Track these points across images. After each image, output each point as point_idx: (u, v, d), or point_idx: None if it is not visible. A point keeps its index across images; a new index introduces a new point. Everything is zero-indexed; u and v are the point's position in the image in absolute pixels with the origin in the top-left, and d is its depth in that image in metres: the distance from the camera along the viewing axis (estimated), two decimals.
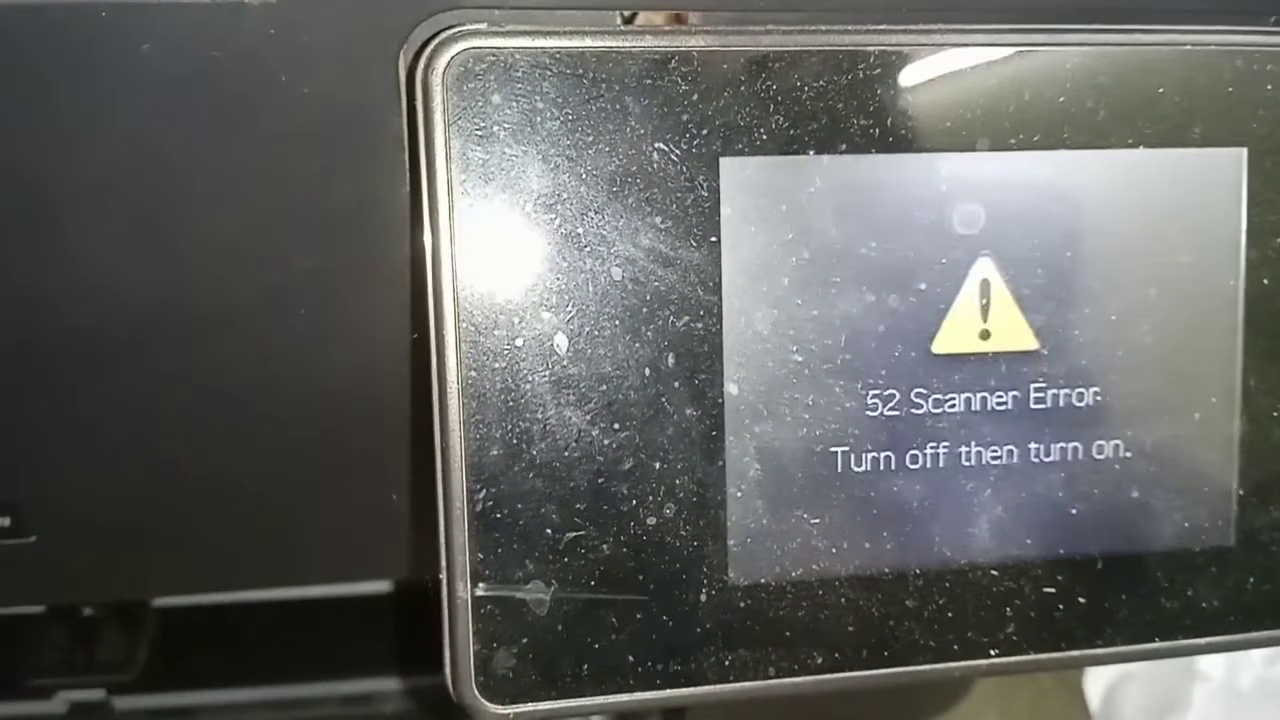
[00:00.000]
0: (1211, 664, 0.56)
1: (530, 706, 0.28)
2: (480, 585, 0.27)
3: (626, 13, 0.29)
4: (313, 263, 0.30)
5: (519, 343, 0.27)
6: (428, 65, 0.27)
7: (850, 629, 0.29)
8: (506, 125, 0.27)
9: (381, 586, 0.58)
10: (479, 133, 0.27)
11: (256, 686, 0.57)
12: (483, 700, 0.28)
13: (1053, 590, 0.30)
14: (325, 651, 0.57)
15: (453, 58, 0.27)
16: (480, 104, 0.27)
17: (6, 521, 0.35)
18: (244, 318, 0.31)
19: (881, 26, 0.28)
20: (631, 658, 0.28)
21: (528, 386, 0.27)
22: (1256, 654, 0.55)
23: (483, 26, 0.27)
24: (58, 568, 0.37)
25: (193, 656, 0.56)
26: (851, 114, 0.28)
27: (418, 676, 0.58)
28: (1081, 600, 0.30)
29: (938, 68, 0.29)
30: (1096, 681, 0.61)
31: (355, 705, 0.58)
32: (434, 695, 0.59)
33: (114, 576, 0.38)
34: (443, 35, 0.27)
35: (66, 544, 0.36)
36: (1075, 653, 0.30)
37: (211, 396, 0.33)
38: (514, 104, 0.27)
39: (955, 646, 0.30)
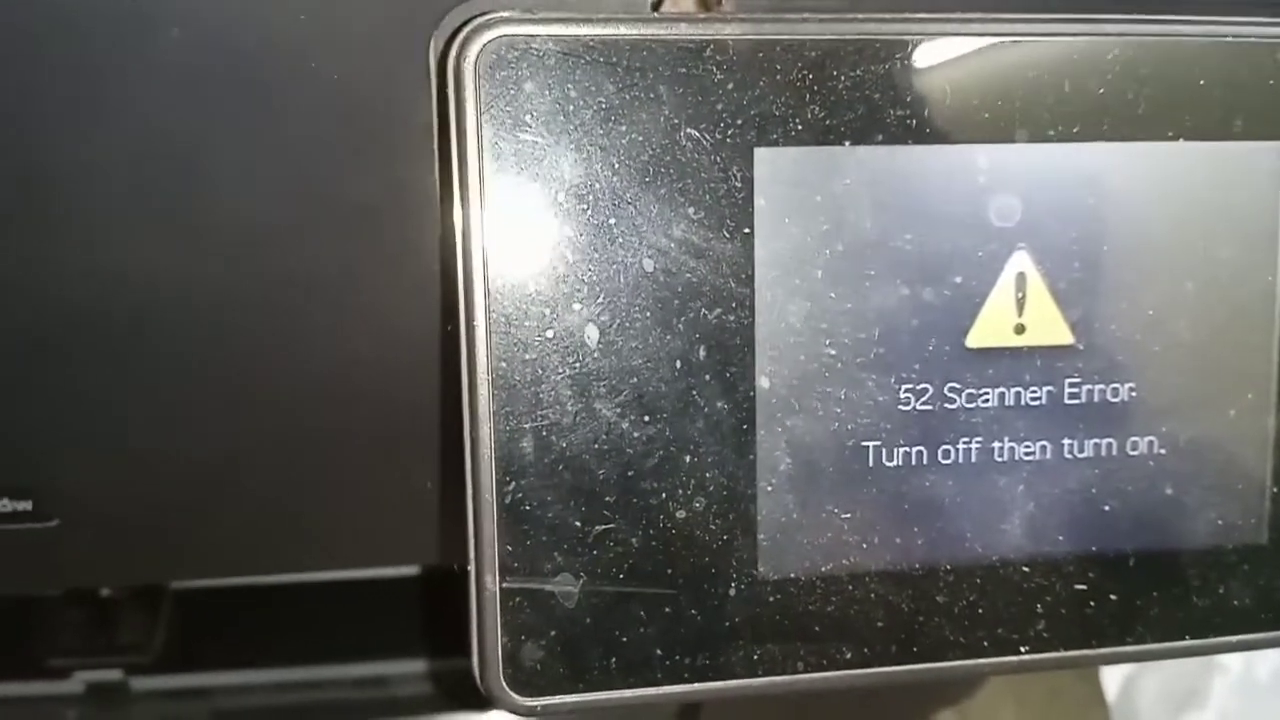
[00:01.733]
0: (1230, 656, 0.56)
1: (557, 699, 0.28)
2: (508, 578, 0.27)
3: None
4: (340, 251, 0.30)
5: (549, 334, 0.27)
6: (460, 53, 0.26)
7: (880, 624, 0.29)
8: (539, 114, 0.27)
9: (401, 569, 0.58)
10: (511, 121, 0.26)
11: (273, 668, 0.57)
12: (510, 692, 0.28)
13: (1084, 587, 0.30)
14: (342, 634, 0.57)
15: (485, 45, 0.26)
16: (512, 92, 0.26)
17: (29, 506, 0.35)
18: (269, 305, 0.31)
19: (919, 15, 0.28)
20: (659, 651, 0.28)
21: (558, 378, 0.27)
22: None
23: (515, 14, 0.27)
24: (80, 552, 0.37)
25: (210, 638, 0.56)
26: (888, 104, 0.28)
27: (435, 660, 0.59)
28: (1113, 597, 0.30)
29: (976, 58, 0.28)
30: (1114, 673, 0.61)
31: (371, 688, 0.58)
32: (450, 679, 0.59)
33: (136, 561, 0.38)
34: (475, 22, 0.26)
35: (89, 528, 0.36)
36: (1106, 650, 0.30)
37: (236, 383, 0.33)
38: (546, 92, 0.27)
39: (985, 643, 0.30)
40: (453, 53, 0.26)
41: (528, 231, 0.27)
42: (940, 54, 0.28)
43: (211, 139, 0.28)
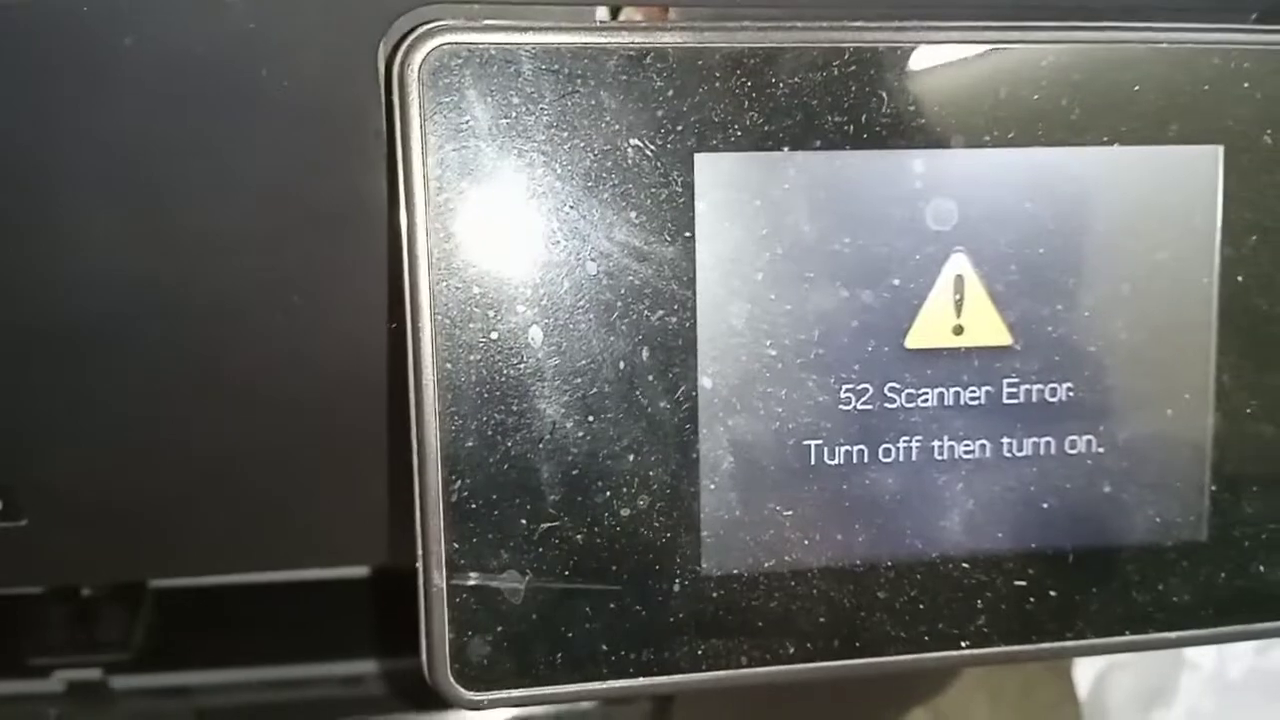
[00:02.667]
0: (1201, 654, 0.57)
1: (505, 693, 0.28)
2: (455, 574, 0.28)
3: (607, 8, 0.30)
4: (294, 255, 0.31)
5: (494, 335, 0.28)
6: (404, 59, 0.27)
7: (822, 620, 0.30)
8: (483, 120, 0.27)
9: (381, 568, 0.58)
10: (455, 127, 0.27)
11: (252, 667, 0.58)
12: (458, 687, 0.28)
13: (1024, 583, 0.30)
14: (322, 632, 0.58)
15: (429, 52, 0.27)
16: (456, 98, 0.27)
17: None
18: (226, 308, 0.32)
19: (857, 23, 0.28)
20: (605, 646, 0.29)
21: (503, 379, 0.28)
22: (1247, 644, 0.55)
23: (460, 21, 0.27)
24: (51, 550, 0.38)
25: (190, 636, 0.57)
26: (826, 110, 0.28)
27: (411, 659, 0.59)
28: (1052, 593, 0.31)
29: (912, 64, 0.29)
30: (1086, 669, 0.61)
31: (350, 686, 0.58)
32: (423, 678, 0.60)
33: (106, 559, 0.39)
34: (419, 30, 0.27)
35: (59, 527, 0.36)
36: (1046, 645, 0.31)
37: (195, 383, 0.33)
38: (490, 99, 0.27)
39: (926, 638, 0.30)
40: (398, 59, 0.27)
41: (472, 235, 0.27)
42: (877, 61, 0.28)
43: (166, 144, 0.29)
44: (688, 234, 0.28)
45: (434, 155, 0.27)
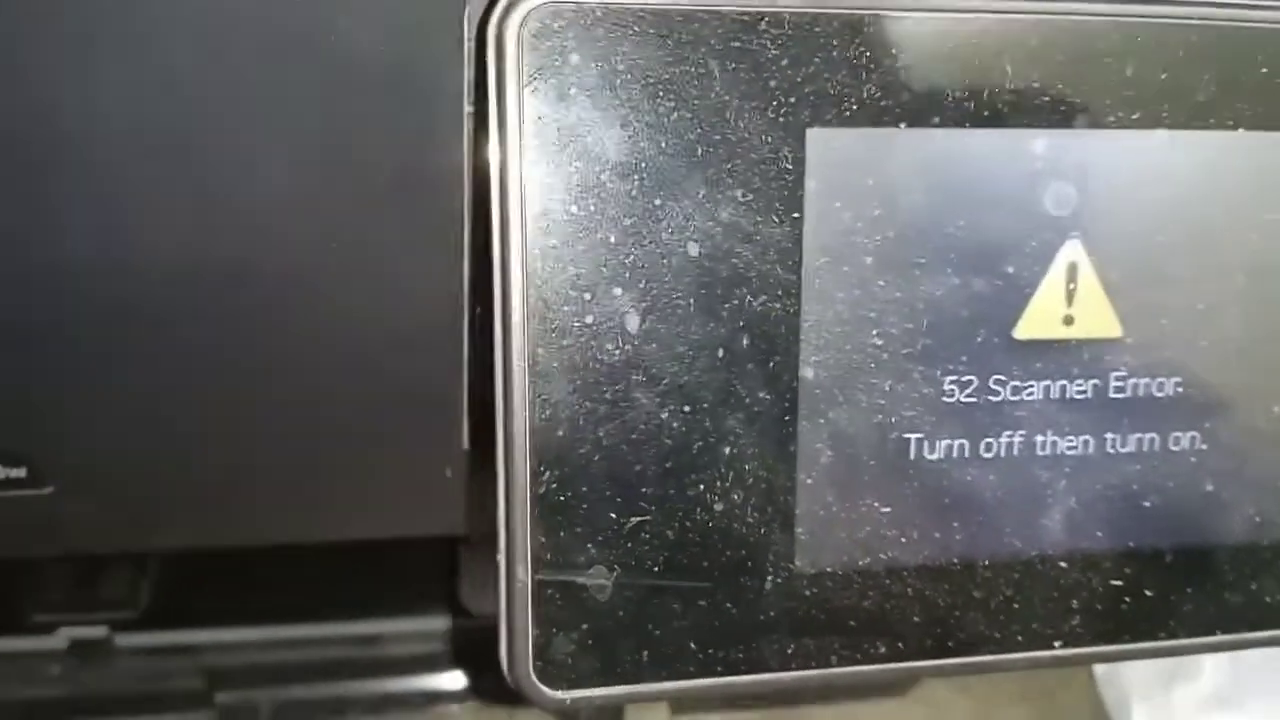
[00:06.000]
0: None
1: (588, 692, 0.27)
2: (541, 570, 0.26)
3: None
4: (362, 223, 0.29)
5: (589, 320, 0.26)
6: (502, 20, 0.25)
7: (915, 619, 0.28)
8: (584, 87, 0.25)
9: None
10: (554, 94, 0.25)
11: (259, 626, 0.57)
12: (540, 686, 0.27)
13: (1120, 582, 0.29)
14: (330, 591, 0.56)
15: (530, 12, 0.25)
16: (557, 63, 0.25)
17: (23, 473, 0.34)
18: (279, 273, 0.30)
19: None
20: (693, 644, 0.28)
21: (596, 365, 0.26)
22: None
23: None
24: (75, 517, 0.36)
25: (196, 595, 0.56)
26: (946, 85, 0.27)
27: (424, 618, 0.58)
28: (1148, 593, 0.30)
29: (1037, 40, 0.27)
30: None
31: (359, 646, 0.58)
32: (439, 638, 0.59)
33: (132, 526, 0.38)
34: None
35: (84, 494, 0.35)
36: (1139, 645, 0.30)
37: (232, 354, 0.32)
38: (592, 65, 0.25)
39: (1019, 638, 0.29)
40: (494, 19, 0.25)
41: (568, 212, 0.26)
42: (1002, 35, 0.27)
43: (235, 104, 0.27)
44: (795, 214, 0.26)
45: (531, 124, 0.25)
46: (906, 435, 0.28)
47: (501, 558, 0.27)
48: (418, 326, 0.30)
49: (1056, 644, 0.29)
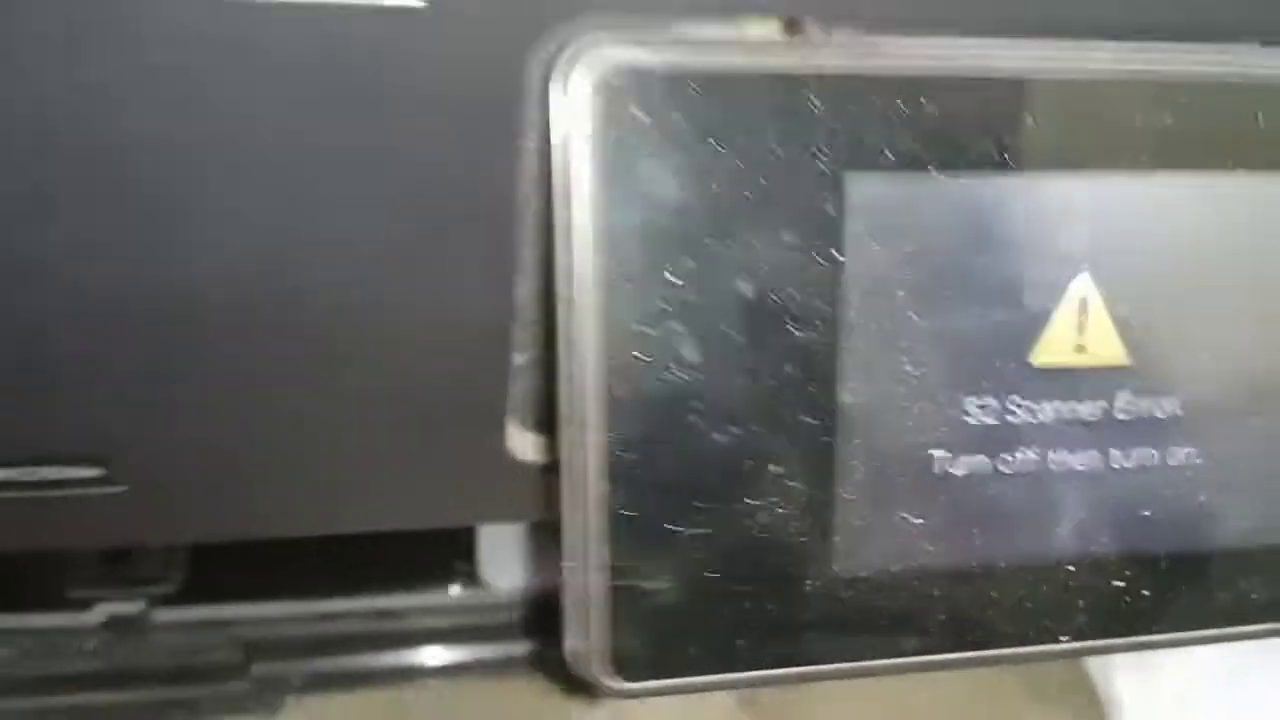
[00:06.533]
0: None
1: (652, 683, 0.30)
2: (610, 576, 0.29)
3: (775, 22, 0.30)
4: (421, 256, 0.31)
5: (653, 352, 0.28)
6: (569, 67, 0.27)
7: (940, 617, 0.32)
8: (647, 138, 0.27)
9: None
10: (620, 144, 0.27)
11: (293, 600, 0.58)
12: (611, 679, 0.30)
13: (1121, 583, 0.33)
14: (363, 565, 0.58)
15: (596, 67, 0.27)
16: (621, 115, 0.27)
17: (100, 472, 0.35)
18: (345, 293, 0.32)
19: (1007, 50, 0.29)
20: (743, 640, 0.31)
21: (659, 394, 0.29)
22: None
23: (626, 36, 0.27)
24: (146, 512, 0.38)
25: (232, 570, 0.57)
26: (972, 134, 0.29)
27: (455, 592, 0.60)
28: (1145, 592, 0.33)
29: (1054, 93, 0.29)
30: None
31: (391, 619, 0.59)
32: (467, 611, 0.61)
33: (206, 520, 0.39)
34: (583, 42, 0.27)
35: (155, 491, 0.37)
36: (1137, 638, 0.33)
37: (309, 363, 0.34)
38: (653, 117, 0.27)
39: (1032, 633, 0.32)
40: (562, 73, 0.27)
41: (632, 253, 0.28)
42: (1025, 86, 0.29)
43: (312, 147, 0.29)
44: (836, 253, 0.29)
45: (597, 171, 0.27)
46: (933, 453, 0.31)
47: (571, 564, 0.29)
48: (467, 353, 0.33)
49: (1065, 638, 0.33)
